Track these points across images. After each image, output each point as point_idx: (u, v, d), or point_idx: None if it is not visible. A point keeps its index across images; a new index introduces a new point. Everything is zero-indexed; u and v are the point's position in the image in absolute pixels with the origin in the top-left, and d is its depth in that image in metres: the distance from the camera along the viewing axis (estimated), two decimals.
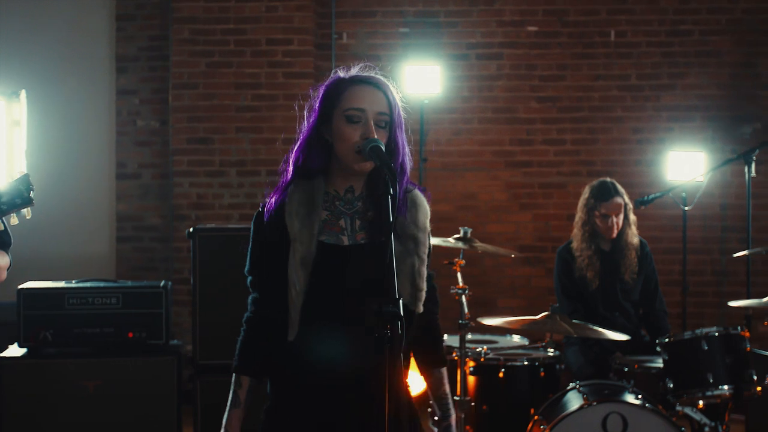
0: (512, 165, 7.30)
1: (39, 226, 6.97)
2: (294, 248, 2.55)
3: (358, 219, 2.62)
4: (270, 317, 2.61)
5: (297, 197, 2.60)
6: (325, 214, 2.60)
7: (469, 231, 4.46)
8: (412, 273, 2.59)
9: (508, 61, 7.29)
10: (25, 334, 4.66)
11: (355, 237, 2.60)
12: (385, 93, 2.60)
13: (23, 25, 7.23)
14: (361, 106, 2.57)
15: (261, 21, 7.11)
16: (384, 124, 2.59)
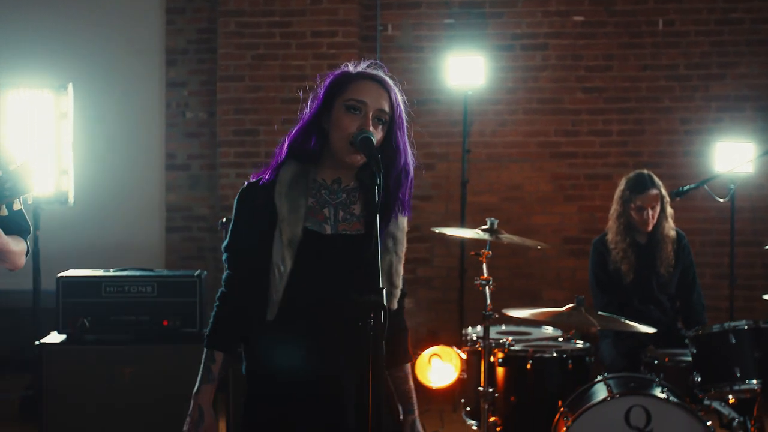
0: (558, 156, 7.25)
1: (90, 216, 7.19)
2: (282, 229, 2.59)
3: (341, 210, 2.66)
4: (247, 295, 2.63)
5: (287, 179, 2.64)
6: (311, 201, 2.64)
7: (496, 222, 4.46)
8: (390, 270, 2.66)
9: (554, 52, 7.24)
10: (64, 321, 4.77)
11: (338, 227, 2.64)
12: (389, 92, 2.64)
13: (72, 18, 7.41)
14: (363, 98, 2.60)
15: (306, 13, 7.16)
16: (383, 121, 2.61)
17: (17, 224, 3.13)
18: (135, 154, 7.44)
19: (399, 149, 2.64)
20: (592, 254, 5.22)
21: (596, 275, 5.17)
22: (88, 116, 6.90)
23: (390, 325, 2.61)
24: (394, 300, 2.66)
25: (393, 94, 2.63)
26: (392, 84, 2.66)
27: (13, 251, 3.06)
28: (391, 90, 2.64)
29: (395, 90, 2.65)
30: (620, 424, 4.00)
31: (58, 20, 7.39)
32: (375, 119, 2.60)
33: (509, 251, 7.25)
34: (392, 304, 2.65)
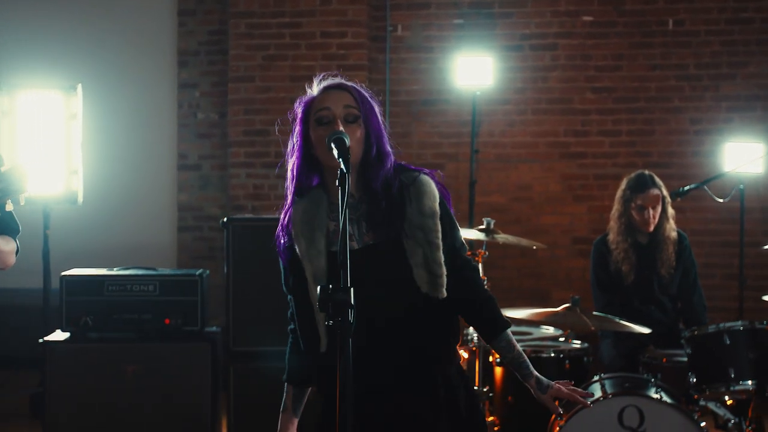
0: (567, 156, 7.24)
1: (99, 216, 7.26)
2: (305, 267, 2.63)
3: (364, 221, 2.65)
4: (302, 333, 2.70)
5: (299, 217, 2.67)
6: (333, 225, 2.65)
7: (492, 222, 4.47)
8: (426, 262, 2.60)
9: (563, 52, 7.23)
10: (67, 319, 4.84)
11: (363, 239, 2.64)
12: (349, 90, 2.65)
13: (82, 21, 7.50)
14: (328, 105, 2.63)
15: (315, 14, 7.20)
16: (354, 118, 2.63)
17: (6, 224, 3.19)
18: (147, 155, 7.51)
19: (370, 141, 2.65)
20: (593, 254, 5.22)
21: (597, 275, 5.17)
22: (98, 117, 6.97)
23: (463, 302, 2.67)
24: (441, 288, 2.58)
25: (352, 90, 2.65)
26: (350, 83, 2.68)
27: (1, 250, 3.12)
28: (350, 87, 2.66)
29: (355, 86, 2.68)
30: (613, 424, 4.00)
31: (68, 23, 7.49)
32: (344, 119, 2.61)
33: (518, 251, 7.26)
34: (439, 293, 2.59)
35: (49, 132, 6.05)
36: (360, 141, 2.63)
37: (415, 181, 2.68)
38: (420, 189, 2.66)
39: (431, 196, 2.65)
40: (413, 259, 2.59)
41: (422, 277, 2.58)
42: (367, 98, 2.68)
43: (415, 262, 2.59)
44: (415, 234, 2.60)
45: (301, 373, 2.76)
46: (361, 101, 2.65)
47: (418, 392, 2.64)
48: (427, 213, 2.62)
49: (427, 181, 2.70)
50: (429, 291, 2.59)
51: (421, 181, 2.69)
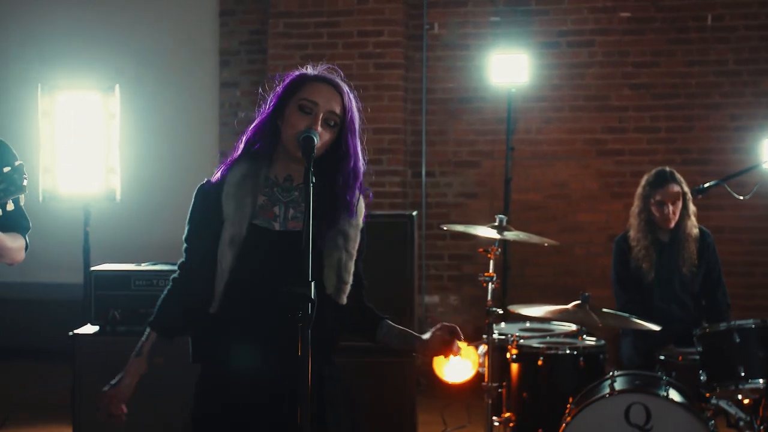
0: (604, 153, 7.21)
1: (137, 213, 7.44)
2: (225, 227, 2.67)
3: (292, 208, 2.73)
4: (194, 286, 2.75)
5: (236, 179, 2.71)
6: (263, 199, 2.72)
7: (505, 219, 4.48)
8: (339, 266, 2.70)
9: (600, 48, 7.20)
10: (96, 312, 4.98)
11: (287, 225, 2.71)
12: (342, 96, 2.69)
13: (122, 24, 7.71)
14: (316, 99, 2.66)
15: (353, 13, 7.28)
16: (333, 124, 2.67)
17: (16, 222, 3.30)
18: (187, 153, 7.67)
19: (349, 152, 2.70)
20: (615, 251, 5.20)
21: (618, 273, 5.15)
22: (135, 117, 7.14)
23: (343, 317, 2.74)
24: (343, 295, 2.71)
25: (346, 98, 2.69)
26: (347, 89, 2.71)
27: (8, 247, 3.24)
28: (345, 94, 2.69)
29: (349, 95, 2.71)
30: (620, 421, 3.99)
31: (107, 26, 7.71)
32: (324, 121, 2.66)
33: (553, 249, 7.21)
34: (341, 299, 2.70)
35: (88, 132, 6.22)
36: (326, 144, 2.68)
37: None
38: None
39: (361, 212, 2.78)
40: (327, 260, 2.67)
41: (330, 279, 2.68)
42: (353, 114, 2.71)
43: (329, 263, 2.67)
44: (337, 239, 2.69)
45: (173, 323, 2.83)
46: (349, 110, 2.69)
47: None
48: (353, 223, 2.74)
49: (360, 199, 2.80)
50: (333, 294, 2.68)
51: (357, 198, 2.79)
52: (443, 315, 7.43)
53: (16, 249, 3.30)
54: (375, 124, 7.29)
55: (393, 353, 4.84)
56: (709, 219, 6.24)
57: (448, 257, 7.45)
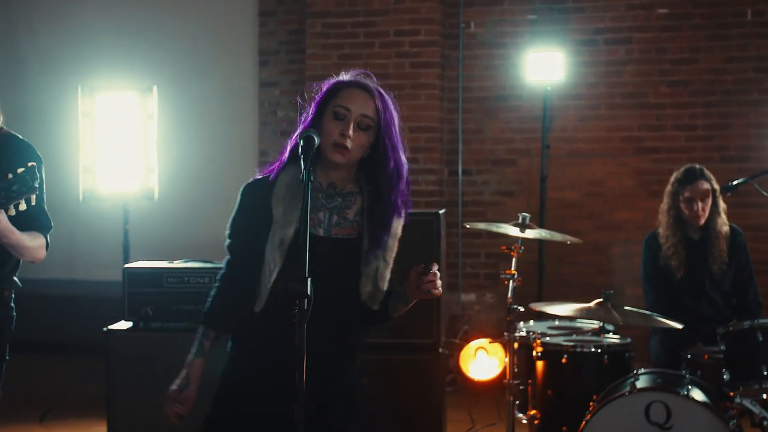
0: (641, 151, 7.16)
1: (175, 211, 7.57)
2: (274, 230, 2.76)
3: (336, 214, 2.80)
4: (241, 283, 2.83)
5: (286, 182, 2.80)
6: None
7: (528, 217, 4.49)
8: (375, 275, 2.78)
9: (637, 45, 7.15)
10: (129, 309, 5.09)
11: (330, 231, 2.79)
12: (374, 99, 2.75)
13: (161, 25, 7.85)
14: (348, 105, 2.74)
15: (389, 13, 7.32)
16: (366, 127, 2.73)
17: (37, 220, 3.40)
18: (226, 152, 7.79)
19: (387, 154, 2.75)
20: (644, 249, 5.18)
21: (646, 270, 5.12)
22: (173, 117, 7.26)
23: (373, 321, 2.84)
24: (376, 302, 2.79)
25: (377, 101, 2.75)
26: (379, 92, 2.78)
27: (27, 246, 3.33)
28: (377, 97, 2.75)
29: (381, 97, 2.77)
30: (640, 420, 3.98)
31: (145, 27, 7.87)
32: (357, 125, 2.72)
33: (590, 247, 7.23)
34: (374, 305, 2.79)
35: (126, 132, 6.36)
36: (362, 146, 2.75)
37: None
38: None
39: (399, 222, 2.83)
40: (365, 269, 2.75)
41: (366, 287, 2.75)
42: (390, 109, 2.77)
43: (366, 272, 2.74)
44: (375, 249, 2.76)
45: (227, 321, 2.87)
46: (383, 111, 2.75)
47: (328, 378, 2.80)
48: (392, 233, 2.80)
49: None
50: (367, 300, 2.76)
51: None
52: (479, 313, 7.45)
53: (35, 247, 3.38)
54: (411, 122, 7.32)
55: (418, 351, 4.89)
56: (742, 217, 6.16)
57: (484, 255, 7.46)
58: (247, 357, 2.86)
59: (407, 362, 4.91)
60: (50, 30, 8.33)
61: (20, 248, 3.30)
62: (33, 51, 8.39)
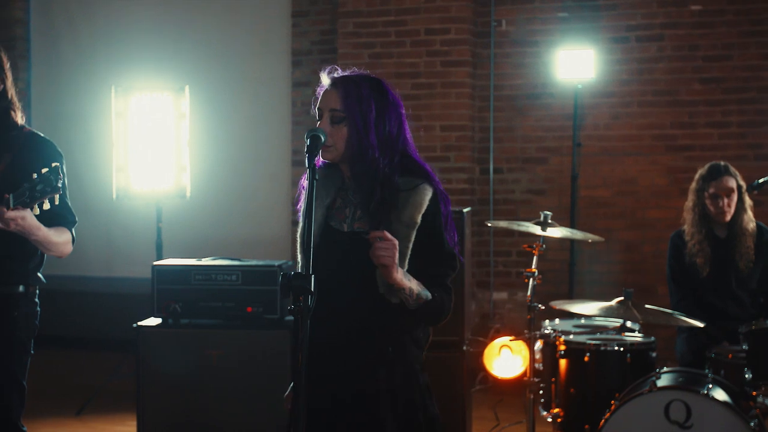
0: (673, 149, 7.11)
1: (207, 210, 7.66)
2: (298, 228, 2.80)
3: (359, 210, 2.82)
4: None
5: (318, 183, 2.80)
6: (339, 201, 2.85)
7: (550, 215, 4.49)
8: None
9: (670, 42, 7.10)
10: (158, 305, 5.17)
11: (353, 225, 2.81)
12: (338, 90, 2.77)
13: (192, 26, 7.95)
14: (319, 105, 2.83)
15: (420, 12, 7.35)
16: (339, 120, 2.76)
17: (62, 217, 3.50)
18: (260, 151, 7.87)
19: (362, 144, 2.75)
20: (669, 247, 5.15)
21: (672, 269, 5.10)
22: (205, 116, 7.35)
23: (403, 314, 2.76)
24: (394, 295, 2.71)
25: (341, 91, 2.76)
26: (343, 82, 2.78)
27: (55, 242, 3.43)
28: (340, 88, 2.77)
29: (347, 88, 2.77)
30: (660, 418, 3.97)
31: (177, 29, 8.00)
32: (330, 120, 2.77)
33: (623, 246, 7.20)
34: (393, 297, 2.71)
35: (159, 131, 6.46)
36: (343, 139, 2.76)
37: (411, 190, 2.75)
38: (409, 198, 2.74)
39: (416, 208, 2.73)
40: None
41: (382, 278, 2.68)
42: (355, 96, 2.76)
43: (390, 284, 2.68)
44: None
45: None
46: (346, 100, 2.76)
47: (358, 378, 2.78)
48: (405, 222, 2.72)
49: (423, 191, 2.75)
50: (385, 293, 2.71)
51: (416, 191, 2.75)
52: (511, 311, 7.45)
53: (62, 243, 3.48)
54: (442, 121, 7.36)
55: (443, 348, 4.91)
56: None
57: (516, 254, 7.45)
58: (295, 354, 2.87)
59: (431, 359, 4.91)
60: (85, 31, 8.47)
61: (47, 244, 3.40)
62: (74, 52, 8.54)
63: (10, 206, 3.15)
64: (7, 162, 3.45)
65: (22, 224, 3.21)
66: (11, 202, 3.15)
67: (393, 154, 2.78)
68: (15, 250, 3.42)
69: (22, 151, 3.48)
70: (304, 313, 2.44)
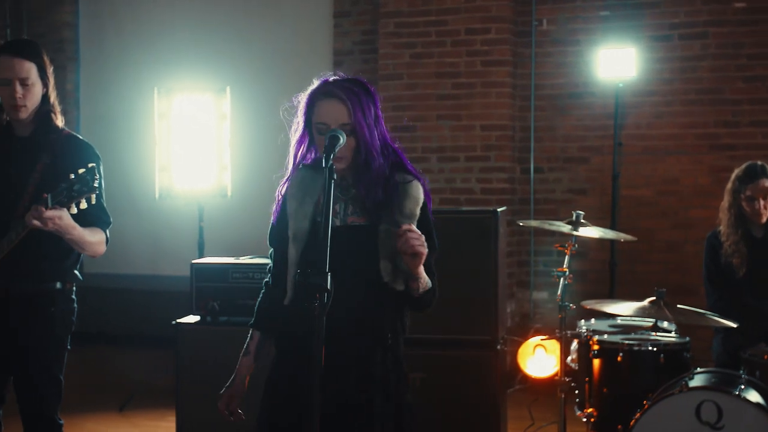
0: (717, 148, 7.04)
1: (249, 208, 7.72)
2: (290, 225, 2.93)
3: (351, 204, 2.92)
4: (275, 284, 3.00)
5: (297, 182, 2.99)
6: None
7: (582, 215, 4.48)
8: (392, 256, 2.82)
9: (714, 40, 7.03)
10: (196, 303, 5.26)
11: (347, 219, 2.90)
12: (345, 103, 2.83)
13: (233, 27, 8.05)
14: (326, 121, 2.86)
15: (461, 11, 7.36)
16: (348, 132, 2.82)
17: (96, 217, 3.58)
18: None
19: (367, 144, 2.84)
20: (706, 248, 5.09)
21: (708, 269, 5.04)
22: (245, 117, 7.43)
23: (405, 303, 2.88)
24: (400, 281, 2.82)
25: (348, 104, 2.82)
26: (348, 93, 2.84)
27: (88, 242, 3.52)
28: (347, 100, 2.83)
29: (351, 100, 2.83)
30: (691, 419, 3.94)
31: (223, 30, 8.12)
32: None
33: (665, 246, 7.15)
34: (397, 285, 2.83)
35: (201, 132, 6.55)
36: (351, 149, 2.85)
37: (407, 184, 2.90)
38: (407, 192, 2.89)
39: (415, 201, 2.89)
40: (382, 250, 2.80)
41: (386, 267, 2.80)
42: (359, 106, 2.84)
43: (383, 253, 2.80)
44: (390, 229, 2.80)
45: (270, 321, 3.01)
46: (354, 113, 2.82)
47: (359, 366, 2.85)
48: (406, 214, 2.86)
49: (417, 187, 2.91)
50: (389, 281, 2.81)
51: (411, 186, 2.91)
52: (552, 311, 7.41)
53: (96, 242, 3.57)
54: (482, 120, 7.36)
55: (477, 347, 4.93)
56: None
57: (556, 253, 7.40)
58: (280, 351, 2.96)
59: (465, 359, 4.95)
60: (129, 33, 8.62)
61: (82, 243, 3.49)
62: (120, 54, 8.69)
63: (49, 205, 3.24)
64: (47, 163, 3.55)
65: (59, 224, 3.30)
66: (49, 202, 3.24)
67: (388, 153, 2.93)
68: (51, 248, 3.52)
69: (61, 152, 3.57)
70: (321, 310, 2.48)
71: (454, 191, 7.39)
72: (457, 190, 7.39)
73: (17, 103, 3.55)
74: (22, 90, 3.55)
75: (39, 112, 3.64)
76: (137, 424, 6.15)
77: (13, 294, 3.55)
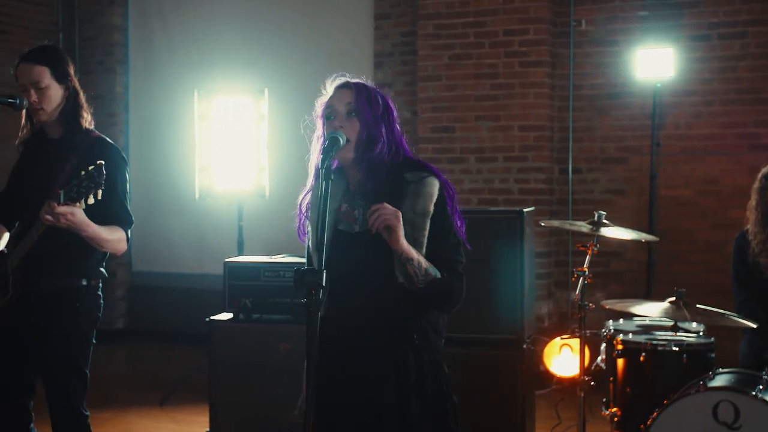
0: (757, 148, 6.98)
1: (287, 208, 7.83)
2: (309, 236, 3.00)
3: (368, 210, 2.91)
4: None
5: (317, 194, 2.94)
6: (345, 206, 2.98)
7: (603, 215, 4.50)
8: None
9: (754, 39, 6.98)
10: (229, 301, 5.38)
11: (366, 225, 2.90)
12: (350, 87, 2.94)
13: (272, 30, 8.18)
14: (332, 103, 2.96)
15: (499, 13, 7.40)
16: (353, 113, 2.89)
17: (116, 215, 3.70)
18: None
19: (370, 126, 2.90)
20: (734, 248, 5.05)
21: (736, 269, 5.01)
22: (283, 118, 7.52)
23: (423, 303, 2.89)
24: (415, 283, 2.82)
25: (354, 88, 2.92)
26: (354, 81, 2.97)
27: (106, 238, 3.63)
28: (352, 85, 2.94)
29: (357, 83, 2.96)
30: (707, 419, 3.94)
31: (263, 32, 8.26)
32: (346, 115, 2.90)
33: (704, 246, 7.11)
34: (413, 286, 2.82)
35: (240, 133, 6.69)
36: (355, 130, 2.92)
37: (419, 181, 2.90)
38: (419, 189, 2.88)
39: (428, 197, 2.88)
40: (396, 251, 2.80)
41: (401, 268, 2.81)
42: (365, 93, 2.93)
43: (397, 254, 2.80)
44: (404, 229, 2.81)
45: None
46: (358, 96, 2.90)
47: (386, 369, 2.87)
48: (419, 212, 2.86)
49: (431, 182, 2.90)
50: (405, 282, 2.82)
51: (424, 182, 2.90)
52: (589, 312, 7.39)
53: (114, 240, 3.68)
54: (520, 121, 7.39)
55: (503, 346, 4.97)
56: None
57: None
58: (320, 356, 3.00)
59: (491, 357, 4.99)
60: (181, 36, 8.80)
61: (98, 240, 3.61)
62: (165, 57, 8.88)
63: (61, 201, 3.36)
64: (74, 164, 3.67)
65: (72, 219, 3.42)
66: (62, 198, 3.36)
67: (398, 150, 2.95)
68: (74, 246, 3.64)
69: (88, 154, 3.68)
70: (315, 305, 2.57)
71: (492, 191, 7.43)
72: (495, 191, 7.43)
73: (34, 107, 3.70)
74: (36, 94, 3.69)
75: (63, 112, 3.76)
76: (175, 418, 6.30)
77: (37, 290, 3.68)
